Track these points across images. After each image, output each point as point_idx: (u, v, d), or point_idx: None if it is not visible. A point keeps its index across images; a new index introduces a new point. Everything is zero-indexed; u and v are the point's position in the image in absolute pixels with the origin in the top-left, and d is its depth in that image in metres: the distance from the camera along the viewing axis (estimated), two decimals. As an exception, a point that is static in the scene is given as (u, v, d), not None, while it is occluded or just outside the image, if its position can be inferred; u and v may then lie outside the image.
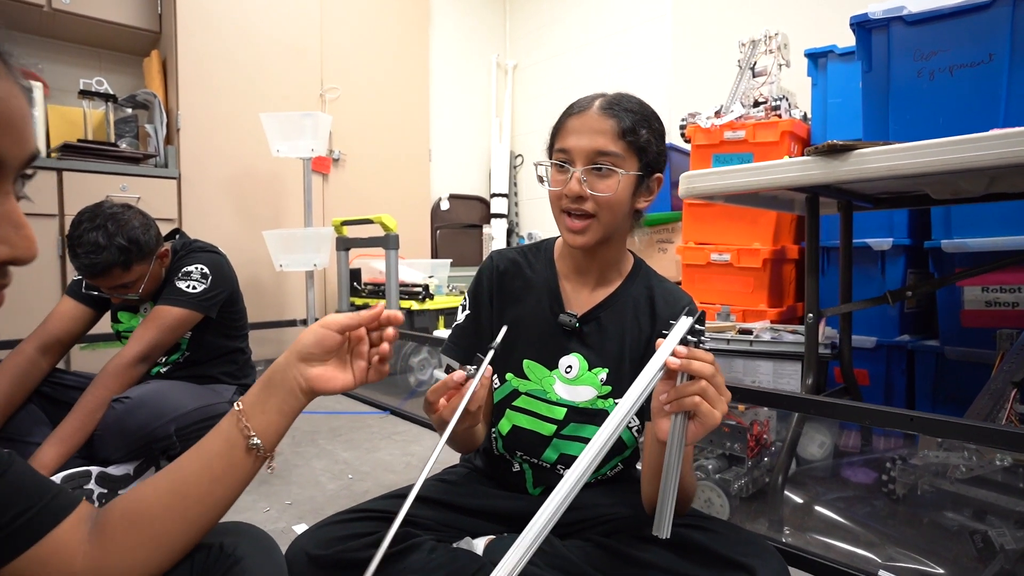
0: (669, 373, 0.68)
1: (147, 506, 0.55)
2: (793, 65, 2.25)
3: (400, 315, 0.65)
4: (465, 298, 1.03)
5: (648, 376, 0.67)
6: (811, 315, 1.41)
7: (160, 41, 2.78)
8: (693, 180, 1.34)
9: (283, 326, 2.88)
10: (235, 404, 0.59)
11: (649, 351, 0.95)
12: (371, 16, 3.23)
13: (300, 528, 1.31)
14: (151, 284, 1.51)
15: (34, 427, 1.45)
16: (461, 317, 1.02)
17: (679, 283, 2.35)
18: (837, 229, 1.65)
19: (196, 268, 1.54)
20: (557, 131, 0.91)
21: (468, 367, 0.74)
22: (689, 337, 0.68)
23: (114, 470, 1.40)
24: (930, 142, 0.99)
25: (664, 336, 0.69)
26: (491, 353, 0.74)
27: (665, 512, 0.67)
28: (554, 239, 1.03)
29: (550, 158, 0.92)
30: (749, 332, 1.72)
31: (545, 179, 0.93)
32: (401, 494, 0.98)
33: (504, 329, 0.79)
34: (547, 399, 0.96)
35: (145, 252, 1.44)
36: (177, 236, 1.67)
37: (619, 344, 0.95)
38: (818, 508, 1.40)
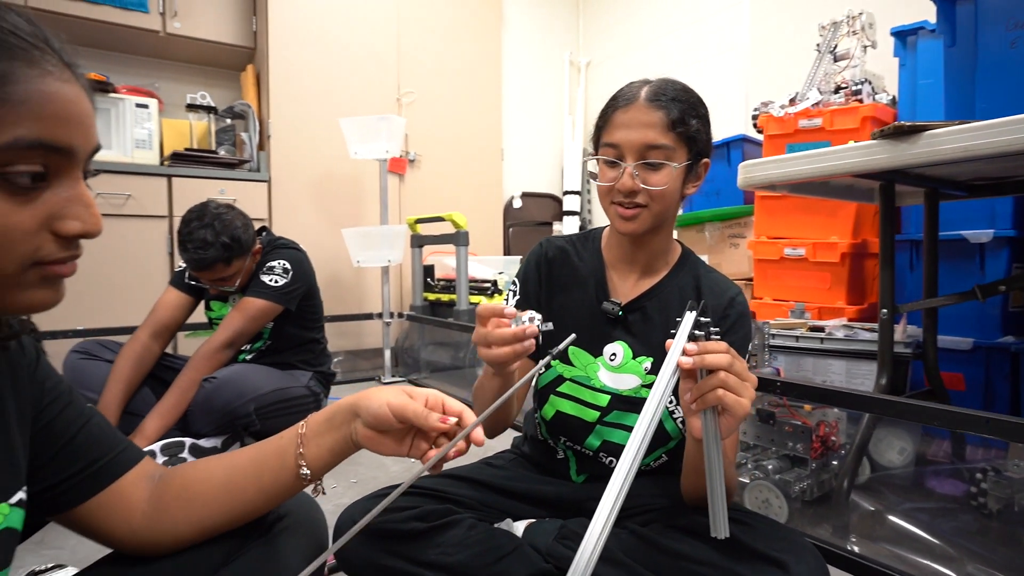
0: (688, 372, 0.67)
1: (200, 491, 0.62)
2: (880, 46, 2.10)
3: (481, 438, 0.60)
4: (513, 282, 1.03)
5: (663, 381, 0.66)
6: (885, 311, 1.33)
7: (255, 56, 3.02)
8: (751, 169, 1.29)
9: (361, 319, 3.05)
10: (300, 426, 0.63)
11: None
12: (445, 20, 3.34)
13: (362, 505, 1.40)
14: (245, 278, 1.67)
15: (145, 404, 1.64)
16: (511, 301, 1.01)
17: (750, 280, 2.26)
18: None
19: (279, 263, 1.68)
20: (603, 124, 0.91)
21: (533, 315, 0.73)
22: (696, 332, 0.66)
23: (204, 442, 1.56)
24: (1012, 119, 0.91)
25: (672, 336, 0.68)
26: (547, 358, 0.69)
27: (718, 512, 0.66)
28: (602, 228, 1.04)
29: (596, 151, 0.92)
30: (820, 329, 1.63)
31: (594, 174, 0.93)
32: (446, 474, 1.02)
33: (550, 325, 0.80)
34: (591, 386, 0.97)
35: (244, 249, 1.60)
36: (263, 233, 1.83)
37: (664, 333, 0.94)
38: (891, 517, 1.31)
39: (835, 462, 1.39)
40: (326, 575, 1.08)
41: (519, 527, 1.01)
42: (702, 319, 0.67)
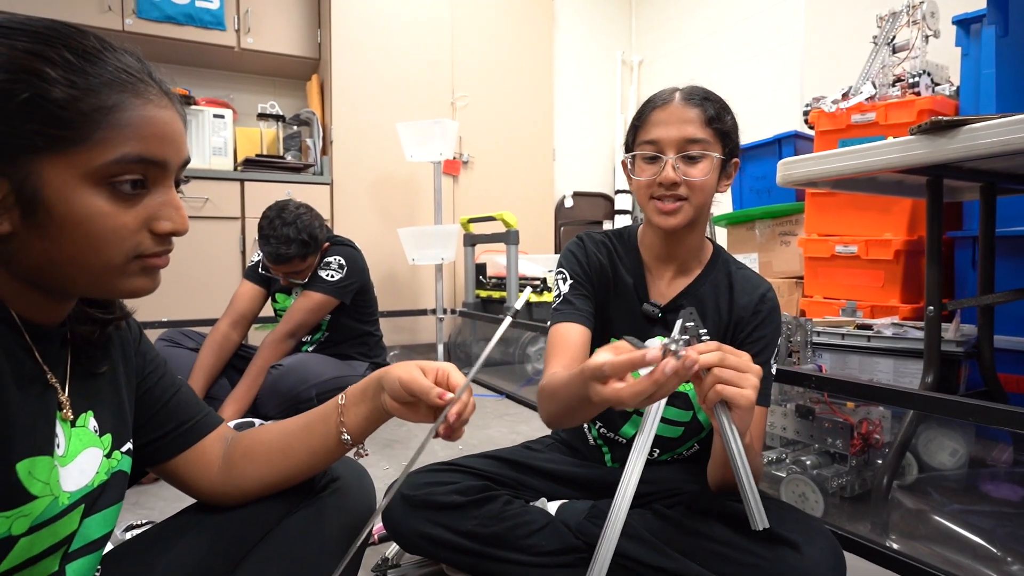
0: (695, 379, 0.70)
1: (259, 451, 0.72)
2: (942, 36, 2.02)
3: (453, 419, 0.61)
4: (560, 273, 1.04)
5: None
6: (931, 308, 1.30)
7: (319, 66, 3.21)
8: (790, 167, 1.30)
9: (415, 315, 3.18)
10: (340, 397, 0.70)
11: (727, 339, 0.98)
12: (497, 22, 3.43)
13: (411, 485, 1.50)
14: (313, 271, 1.82)
15: (223, 390, 1.81)
16: (565, 288, 1.01)
17: (801, 279, 2.22)
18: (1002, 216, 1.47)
19: (335, 260, 1.81)
20: (640, 124, 0.95)
21: (666, 344, 0.64)
22: (686, 337, 0.70)
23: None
24: (1053, 112, 0.90)
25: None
26: (509, 316, 0.66)
27: (750, 504, 0.67)
28: (636, 226, 1.08)
29: (632, 151, 0.96)
30: (868, 327, 1.60)
31: (631, 172, 0.96)
32: (487, 455, 1.10)
33: (527, 291, 0.75)
34: (631, 377, 1.02)
35: (318, 248, 1.74)
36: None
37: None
38: (935, 517, 1.29)
39: (879, 461, 1.38)
40: (377, 543, 1.18)
41: (553, 506, 1.07)
42: (688, 324, 0.71)
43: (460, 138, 3.31)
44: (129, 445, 0.65)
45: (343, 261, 1.83)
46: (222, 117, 2.88)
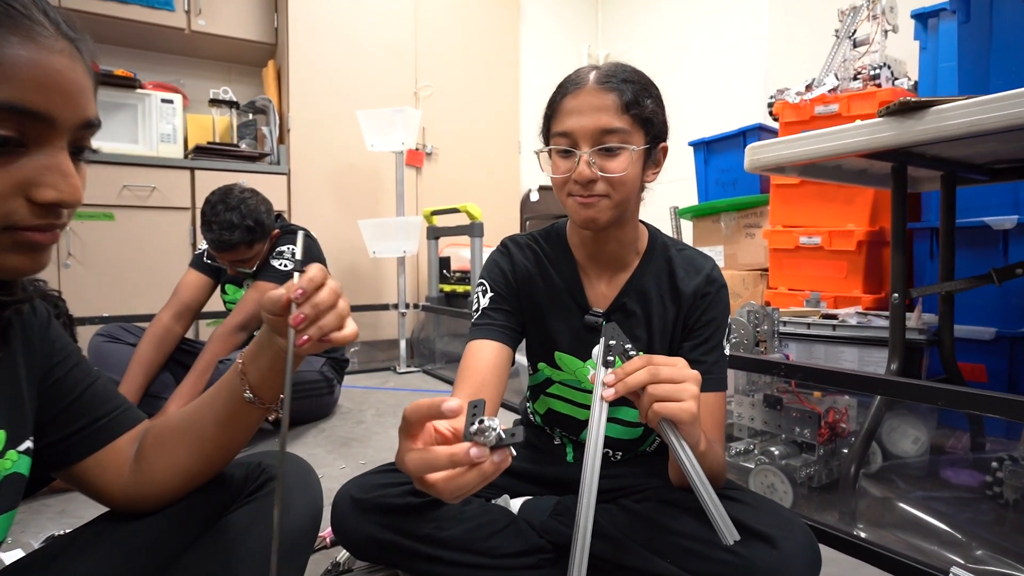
0: (631, 396, 0.66)
1: (169, 435, 0.64)
2: (901, 31, 2.05)
3: (296, 321, 0.54)
4: (481, 283, 0.96)
5: (597, 416, 0.66)
6: (896, 295, 1.30)
7: (276, 52, 3.08)
8: (758, 151, 1.28)
9: (377, 309, 3.09)
10: (239, 355, 0.63)
11: (677, 329, 0.93)
12: (462, 12, 3.36)
13: (369, 484, 1.43)
14: (262, 260, 1.72)
15: (165, 387, 1.69)
16: (485, 301, 0.94)
17: (765, 270, 2.23)
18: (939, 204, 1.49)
19: (288, 248, 1.71)
20: (552, 114, 0.85)
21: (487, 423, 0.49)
22: (609, 358, 0.66)
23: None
24: (1021, 91, 0.88)
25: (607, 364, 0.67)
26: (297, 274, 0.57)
27: (716, 519, 0.63)
28: (563, 222, 1.00)
29: (546, 144, 0.87)
30: (833, 317, 1.60)
31: (545, 167, 0.87)
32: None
33: (300, 240, 0.66)
34: (582, 388, 0.96)
35: (266, 234, 1.65)
36: (278, 219, 1.87)
37: (646, 329, 0.94)
38: (901, 504, 1.29)
39: (845, 450, 1.37)
40: (329, 546, 1.11)
41: (516, 504, 1.02)
42: (611, 343, 0.66)
43: (424, 129, 3.23)
44: (28, 443, 0.56)
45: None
46: (171, 102, 2.73)
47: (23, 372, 0.57)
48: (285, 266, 1.70)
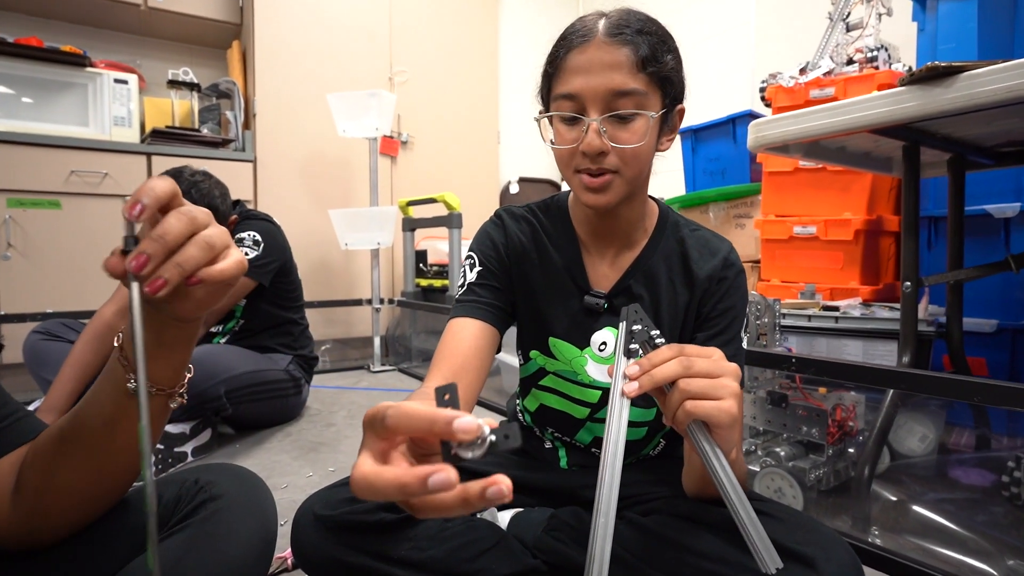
0: (655, 392, 0.55)
1: (51, 448, 0.50)
2: (896, 14, 1.98)
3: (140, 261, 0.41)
4: (470, 256, 0.86)
5: (617, 415, 0.55)
6: (908, 284, 1.21)
7: (241, 32, 2.90)
8: (763, 128, 1.18)
9: (350, 305, 2.93)
10: (117, 337, 0.50)
11: (689, 318, 0.82)
12: (440, -2, 3.22)
13: (339, 494, 1.29)
14: None
15: None
16: (472, 275, 0.84)
17: (757, 262, 2.14)
18: (947, 190, 1.41)
19: (248, 235, 1.57)
20: (554, 71, 0.73)
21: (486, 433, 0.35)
22: (633, 347, 0.56)
23: (171, 428, 1.45)
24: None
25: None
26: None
27: (755, 541, 0.53)
28: (564, 195, 0.88)
29: (547, 109, 0.75)
30: (835, 308, 1.52)
31: (546, 135, 0.76)
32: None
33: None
34: (578, 381, 0.85)
35: (221, 220, 1.49)
36: (237, 206, 1.72)
37: (654, 313, 0.82)
38: (916, 508, 1.20)
39: (852, 449, 1.28)
40: (291, 568, 0.97)
41: (504, 517, 0.90)
42: (635, 328, 0.56)
43: (399, 116, 3.08)
44: None
45: (258, 237, 1.58)
46: (125, 83, 2.53)
47: None
48: (246, 255, 1.55)
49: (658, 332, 0.57)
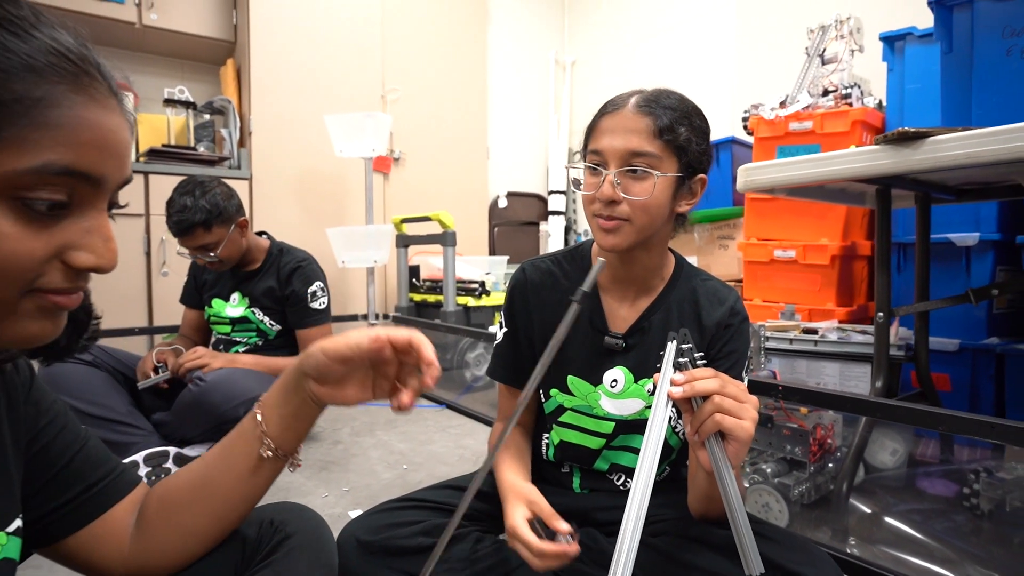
0: (685, 404, 0.66)
1: (177, 497, 0.58)
2: (867, 51, 2.12)
3: (433, 362, 0.56)
4: (501, 316, 1.01)
5: (660, 417, 0.65)
6: (881, 314, 1.33)
7: (235, 50, 2.94)
8: (752, 173, 1.29)
9: (346, 320, 2.99)
10: (256, 405, 0.59)
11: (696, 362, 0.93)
12: (430, 17, 3.30)
13: (355, 514, 1.35)
14: (232, 251, 1.66)
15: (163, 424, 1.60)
16: (500, 336, 1.00)
17: (739, 281, 2.27)
18: (915, 223, 1.55)
19: (317, 286, 1.77)
20: (591, 131, 0.87)
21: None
22: (681, 360, 0.66)
23: (190, 451, 1.50)
24: (1014, 126, 0.91)
25: (658, 369, 0.68)
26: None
27: (746, 547, 0.63)
28: (590, 243, 1.00)
29: (584, 160, 0.88)
30: (814, 332, 1.64)
31: (578, 182, 0.89)
32: (450, 485, 0.99)
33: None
34: (594, 414, 0.94)
35: (225, 217, 1.59)
36: (264, 235, 1.82)
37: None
38: (888, 519, 1.32)
39: (831, 464, 1.40)
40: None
41: (525, 539, 0.98)
42: (684, 347, 0.66)
43: (391, 134, 3.15)
44: (18, 522, 0.49)
45: (322, 284, 1.80)
46: (132, 123, 2.55)
47: (8, 441, 0.50)
48: (323, 305, 1.78)
49: (701, 354, 0.67)
